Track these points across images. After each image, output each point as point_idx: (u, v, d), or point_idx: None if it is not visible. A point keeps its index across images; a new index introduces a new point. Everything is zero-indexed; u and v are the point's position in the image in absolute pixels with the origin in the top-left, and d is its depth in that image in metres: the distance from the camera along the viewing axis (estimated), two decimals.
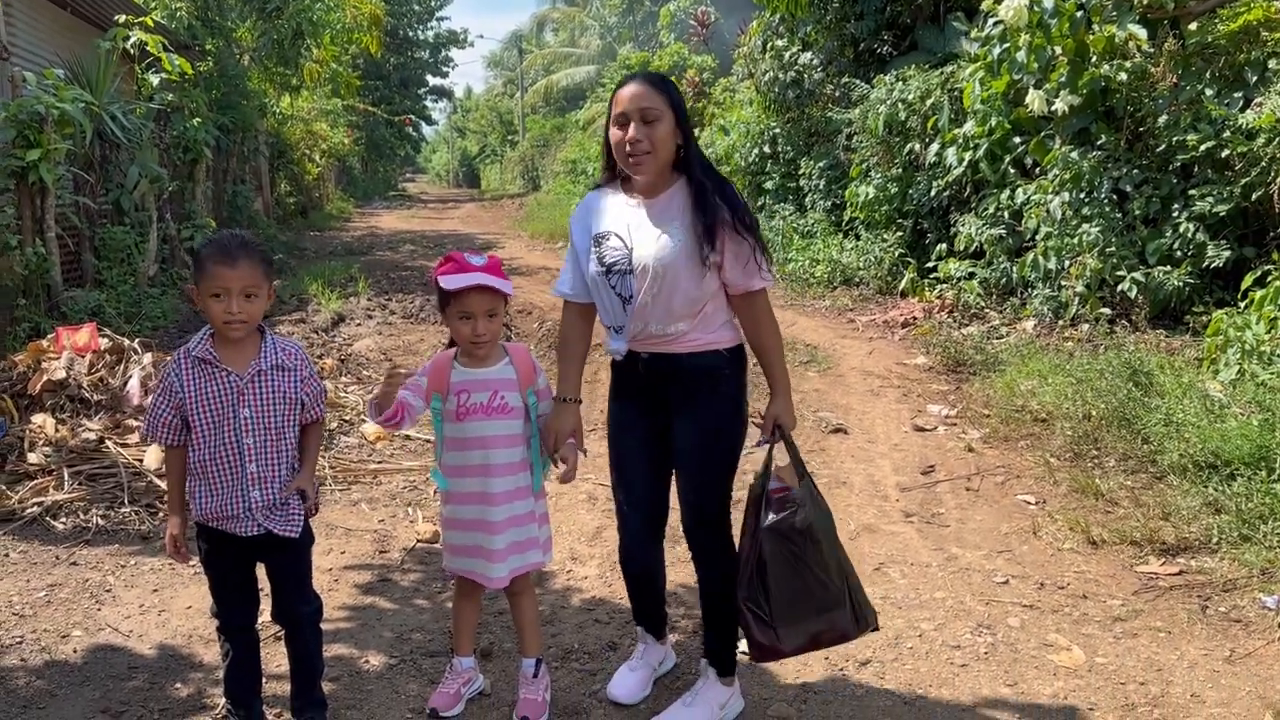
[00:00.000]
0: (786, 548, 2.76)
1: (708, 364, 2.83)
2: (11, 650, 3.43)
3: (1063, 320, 8.18)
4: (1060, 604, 3.83)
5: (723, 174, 2.93)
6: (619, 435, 3.01)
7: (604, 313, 2.91)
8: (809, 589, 2.78)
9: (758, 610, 2.76)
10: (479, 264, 2.77)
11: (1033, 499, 4.94)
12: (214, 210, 15.90)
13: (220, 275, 2.55)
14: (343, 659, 3.40)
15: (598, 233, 2.86)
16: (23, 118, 8.00)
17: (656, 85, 2.74)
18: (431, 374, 2.90)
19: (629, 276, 2.78)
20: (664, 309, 2.77)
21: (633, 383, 2.94)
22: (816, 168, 13.44)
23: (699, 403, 2.85)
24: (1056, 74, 8.54)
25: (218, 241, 2.61)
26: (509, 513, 2.88)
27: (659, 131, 2.71)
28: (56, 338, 5.60)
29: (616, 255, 2.80)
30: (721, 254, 2.73)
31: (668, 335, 2.80)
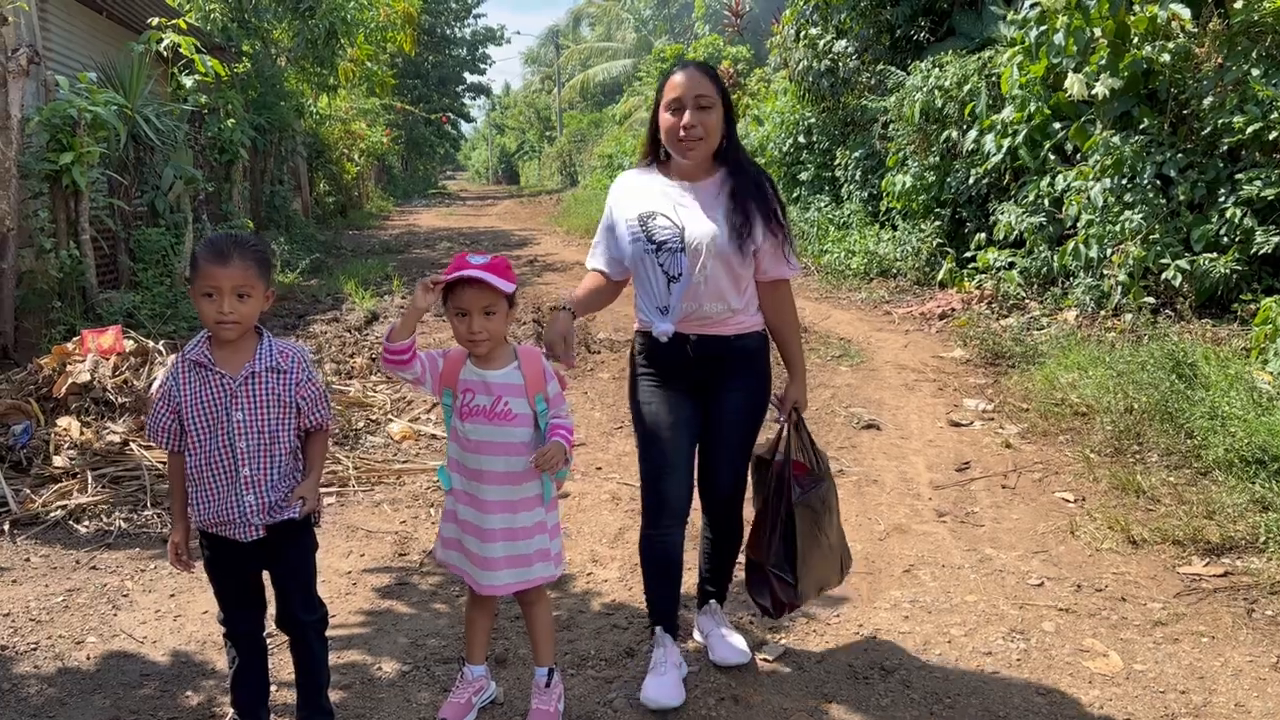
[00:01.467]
0: (810, 519, 3.06)
1: (753, 345, 3.02)
2: (26, 657, 3.41)
3: (1105, 310, 7.95)
4: (1098, 607, 3.67)
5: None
6: (657, 413, 3.02)
7: (646, 294, 3.00)
8: (823, 551, 3.13)
9: (782, 575, 3.05)
10: (478, 262, 2.68)
11: (1071, 497, 4.78)
12: (251, 211, 16.03)
13: (212, 274, 2.48)
14: (355, 665, 3.34)
15: (643, 211, 2.95)
16: (56, 121, 8.06)
17: (709, 74, 2.88)
18: (446, 363, 2.81)
19: (679, 255, 2.89)
20: (715, 289, 2.90)
21: (678, 365, 2.99)
22: (852, 157, 13.24)
23: (743, 381, 3.02)
24: (1096, 57, 8.30)
25: (212, 240, 2.55)
26: (507, 523, 2.77)
27: (711, 119, 2.85)
28: (82, 340, 5.62)
29: (667, 233, 2.90)
30: (758, 242, 2.90)
31: (718, 316, 2.93)
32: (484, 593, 2.86)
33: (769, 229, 2.91)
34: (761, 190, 2.93)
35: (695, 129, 2.84)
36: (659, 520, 3.06)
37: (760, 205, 2.91)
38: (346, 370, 7.55)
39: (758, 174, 2.98)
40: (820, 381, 7.07)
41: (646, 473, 3.07)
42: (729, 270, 2.90)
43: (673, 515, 3.05)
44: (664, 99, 2.89)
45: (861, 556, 4.13)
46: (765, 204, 2.92)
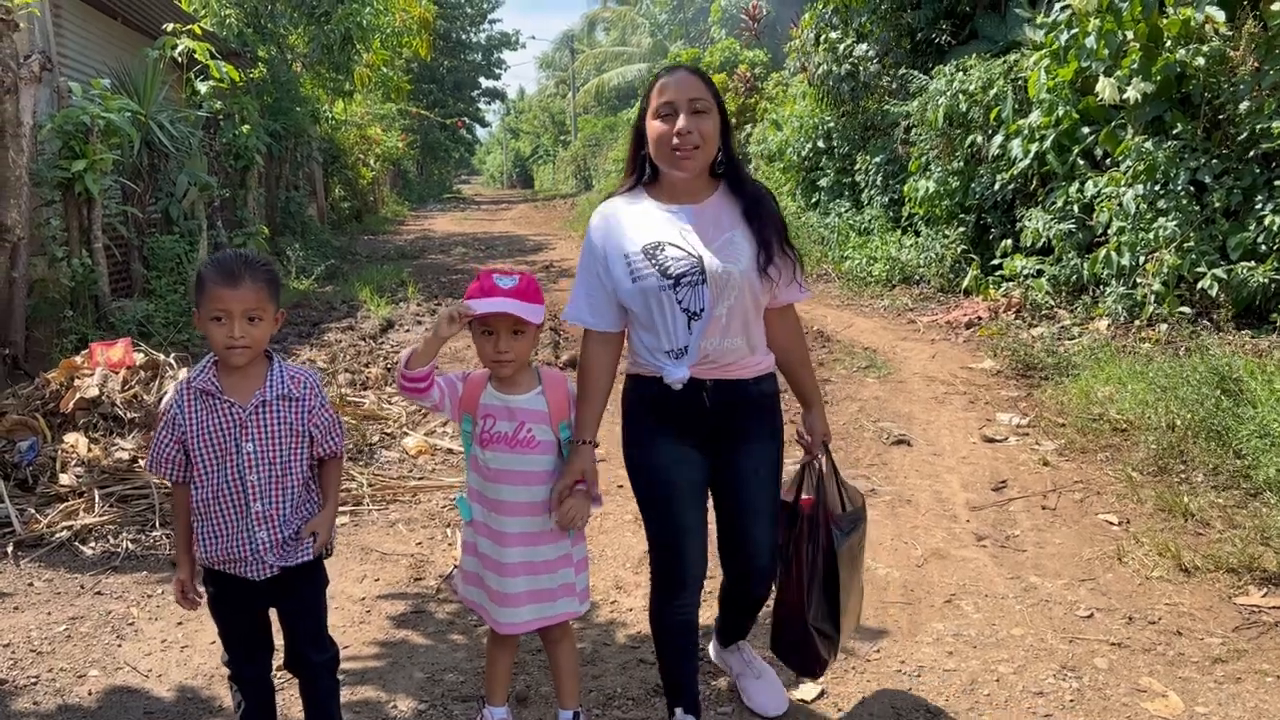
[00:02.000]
0: (851, 562, 2.83)
1: (771, 389, 2.71)
2: (25, 692, 3.26)
3: (1139, 320, 7.73)
4: (1152, 642, 3.47)
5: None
6: (674, 481, 2.64)
7: (660, 336, 2.56)
8: (859, 590, 2.95)
9: (826, 630, 2.80)
10: (507, 287, 2.50)
11: (1115, 519, 4.57)
12: (266, 217, 15.94)
13: (221, 296, 2.32)
14: (370, 703, 3.17)
15: (646, 244, 2.54)
16: (68, 128, 7.94)
17: (703, 77, 2.57)
18: (467, 388, 2.65)
19: (701, 288, 2.50)
20: (740, 323, 2.57)
21: (694, 417, 2.61)
22: (873, 162, 13.04)
23: (764, 431, 2.69)
24: (1128, 60, 8.09)
25: (219, 260, 2.39)
26: (527, 557, 2.60)
27: (708, 124, 2.51)
28: (90, 353, 5.47)
29: (684, 265, 2.50)
30: (778, 265, 2.60)
31: (741, 355, 2.60)
32: (504, 631, 2.69)
33: (784, 251, 2.61)
34: (770, 208, 2.62)
35: (691, 135, 2.47)
36: (678, 594, 2.70)
37: (774, 225, 2.60)
38: (361, 381, 7.39)
39: (763, 190, 2.67)
40: (847, 394, 6.88)
41: (658, 542, 2.70)
42: (754, 301, 2.58)
43: (692, 588, 2.71)
44: (652, 105, 2.54)
45: (900, 585, 3.94)
46: (777, 224, 2.62)
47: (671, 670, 2.80)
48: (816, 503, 2.78)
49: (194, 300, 2.41)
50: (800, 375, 2.83)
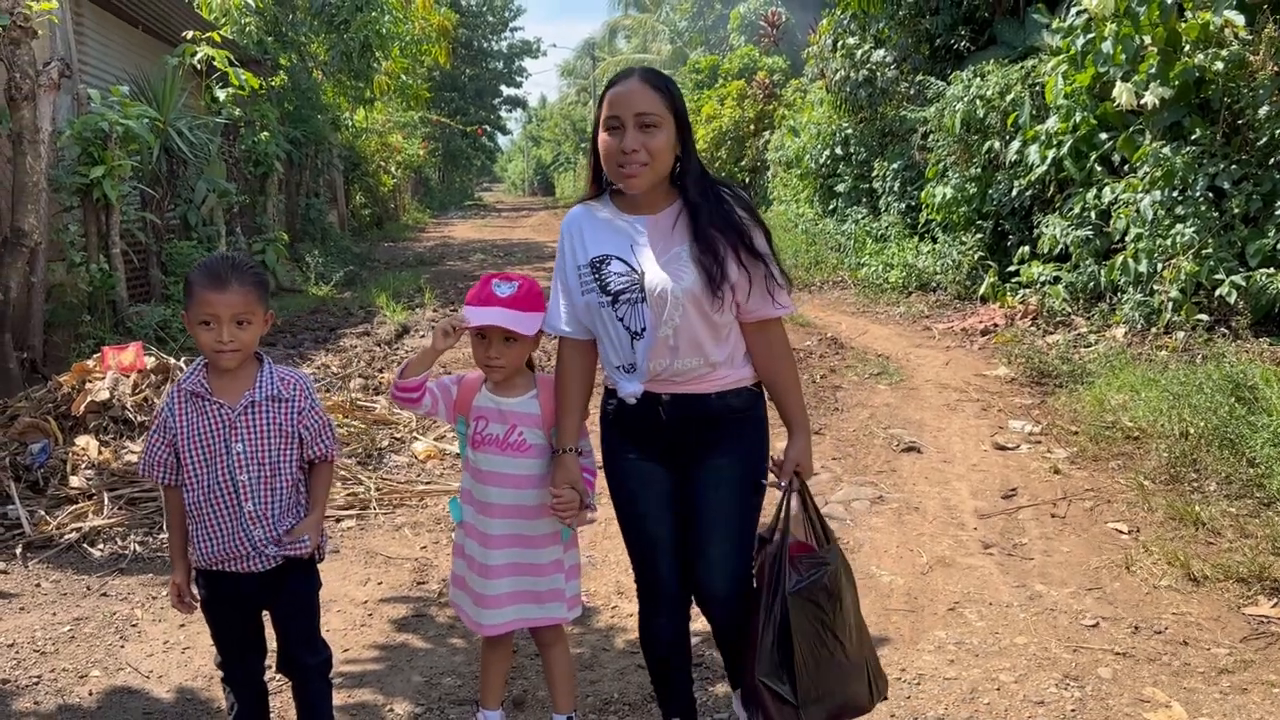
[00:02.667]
0: (814, 615, 2.44)
1: (738, 403, 2.51)
2: (26, 692, 3.28)
3: (1156, 327, 7.65)
4: (1158, 651, 3.42)
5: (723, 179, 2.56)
6: (638, 493, 2.59)
7: (609, 350, 2.50)
8: (834, 659, 2.47)
9: (778, 689, 2.41)
10: (504, 295, 2.50)
11: (1125, 528, 4.52)
12: (286, 223, 16.05)
13: (208, 301, 2.34)
14: (367, 706, 3.17)
15: (595, 256, 2.46)
16: (87, 135, 8.04)
17: (656, 85, 2.36)
18: (461, 390, 2.66)
19: (641, 306, 2.40)
20: (690, 342, 2.40)
21: (651, 430, 2.53)
22: (890, 169, 12.99)
23: (730, 449, 2.51)
24: (1146, 65, 8.01)
25: (206, 265, 2.40)
26: (513, 558, 2.60)
27: (657, 140, 2.33)
28: (102, 357, 5.52)
29: (624, 282, 2.41)
30: (732, 281, 2.38)
31: (700, 371, 2.45)
32: (484, 633, 2.69)
33: (742, 262, 2.38)
34: (729, 217, 2.39)
35: (637, 153, 2.31)
36: (655, 606, 2.65)
37: (728, 235, 2.38)
38: (374, 386, 7.42)
39: (721, 197, 2.43)
40: (858, 400, 6.84)
41: (632, 555, 2.65)
42: (704, 319, 2.39)
43: (668, 603, 2.63)
44: (601, 116, 2.38)
45: (903, 592, 3.90)
46: (735, 232, 2.38)
47: (658, 682, 2.77)
48: (779, 540, 2.50)
49: (184, 304, 2.42)
50: (781, 398, 2.56)
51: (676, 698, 2.75)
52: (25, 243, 7.06)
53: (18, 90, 6.96)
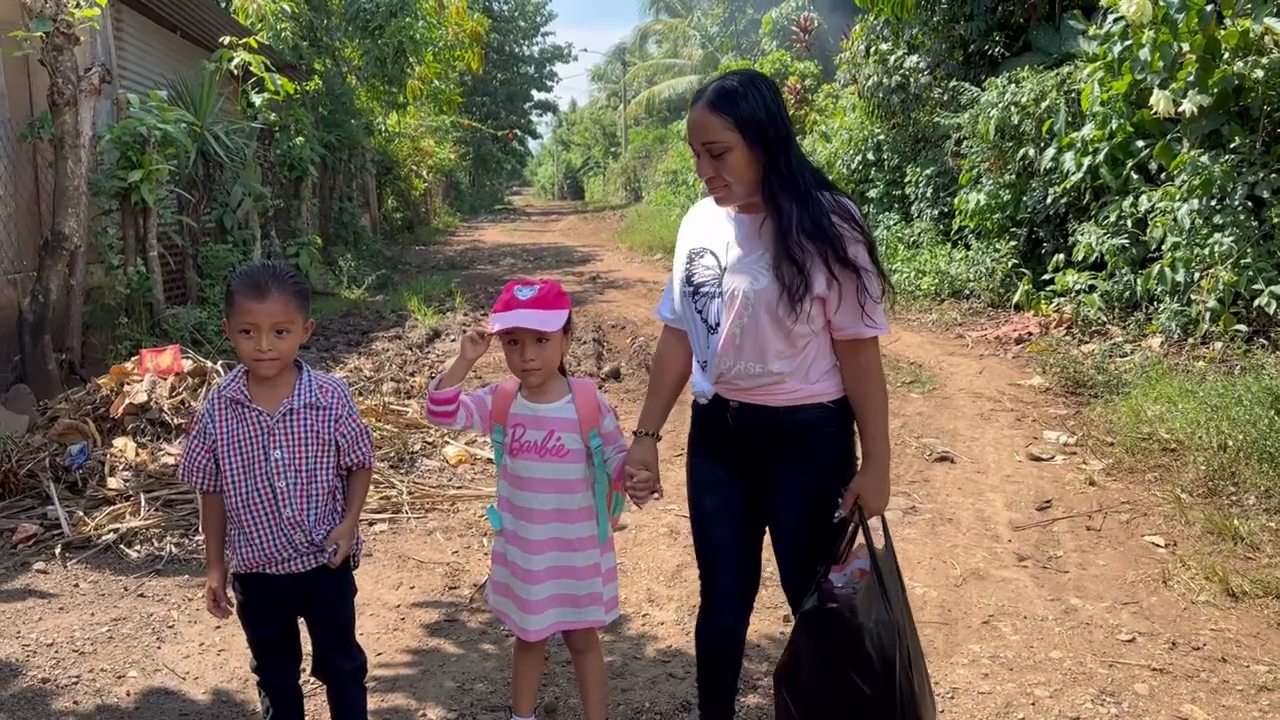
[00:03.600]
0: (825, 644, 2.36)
1: (810, 420, 2.43)
2: (66, 691, 3.32)
3: (1193, 338, 7.55)
4: (1196, 668, 3.38)
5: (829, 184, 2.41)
6: (702, 496, 2.62)
7: (692, 342, 2.55)
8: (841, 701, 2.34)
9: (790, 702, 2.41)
10: (526, 297, 2.51)
11: (1162, 541, 4.46)
12: (320, 227, 16.19)
13: (249, 310, 2.36)
14: (399, 711, 3.19)
15: (693, 248, 2.52)
16: (126, 139, 8.14)
17: (721, 109, 2.29)
18: (496, 399, 2.68)
19: (717, 301, 2.42)
20: (755, 347, 2.38)
21: (718, 435, 2.54)
22: (923, 175, 12.92)
23: (800, 466, 2.45)
24: (1184, 72, 7.93)
25: (248, 273, 2.43)
26: (555, 562, 2.63)
27: (730, 163, 2.31)
28: (140, 360, 5.59)
29: (707, 274, 2.45)
30: (819, 293, 2.32)
31: (762, 381, 2.41)
32: (530, 638, 2.70)
33: (833, 273, 2.30)
34: (819, 224, 2.29)
35: (714, 179, 2.34)
36: (710, 610, 2.67)
37: (818, 243, 2.29)
38: (406, 390, 7.47)
39: (817, 205, 2.32)
40: (890, 409, 6.78)
41: (698, 557, 2.69)
42: (776, 325, 2.34)
43: (725, 606, 2.64)
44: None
45: (937, 605, 3.88)
46: (825, 241, 2.29)
47: (703, 683, 2.77)
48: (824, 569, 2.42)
49: (225, 312, 2.45)
50: (862, 424, 2.45)
51: (715, 702, 2.75)
52: (65, 246, 7.16)
53: (60, 95, 7.07)
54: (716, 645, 2.70)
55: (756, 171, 2.33)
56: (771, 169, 2.33)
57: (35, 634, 3.73)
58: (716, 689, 2.74)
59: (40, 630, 3.76)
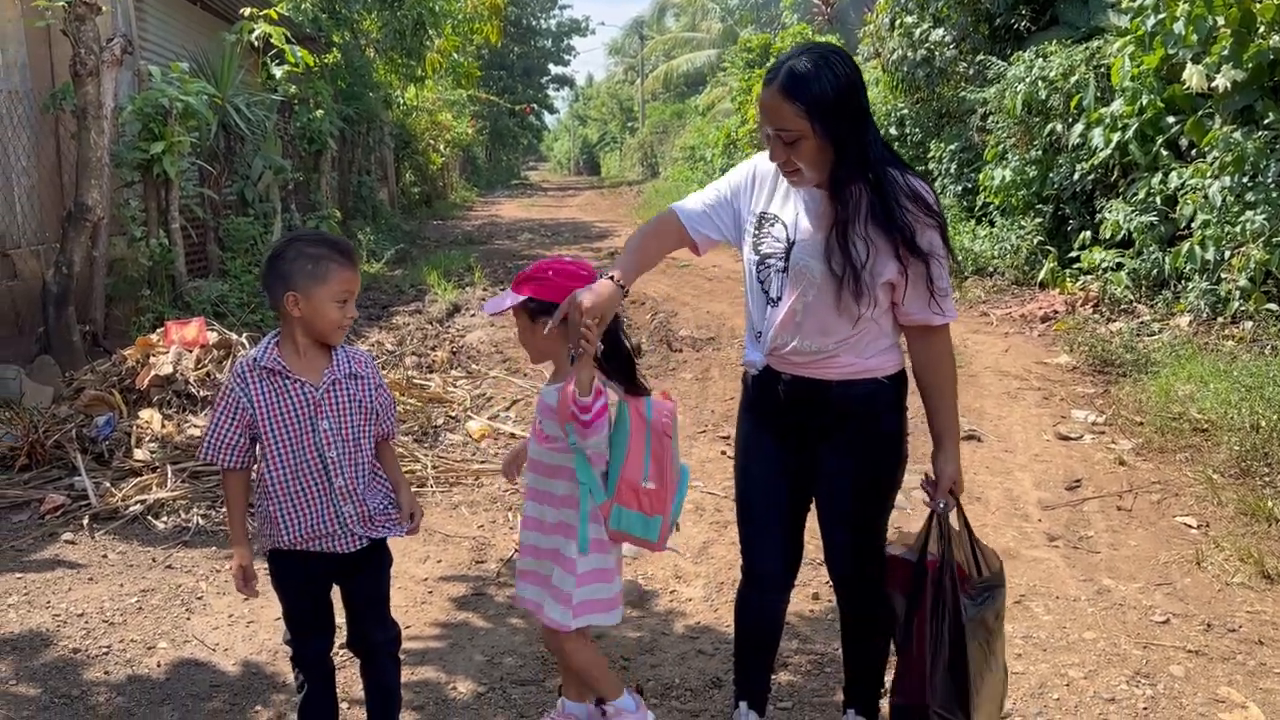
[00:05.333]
0: (985, 638, 2.36)
1: (863, 394, 2.38)
2: (97, 662, 3.33)
3: (1222, 317, 7.46)
4: (1232, 650, 3.34)
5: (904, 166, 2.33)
6: (749, 466, 2.60)
7: (750, 310, 2.49)
8: (997, 678, 2.40)
9: (951, 717, 2.35)
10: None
11: (1194, 522, 4.41)
12: (339, 200, 16.16)
13: (348, 279, 2.40)
14: (429, 684, 3.19)
15: (764, 211, 2.41)
16: (148, 111, 8.11)
17: (792, 93, 2.18)
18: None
19: (781, 276, 2.36)
20: (817, 324, 2.33)
21: (770, 406, 2.50)
22: (947, 150, 12.78)
23: (850, 439, 2.41)
24: (1218, 46, 7.79)
25: (335, 242, 2.44)
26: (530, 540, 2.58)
27: (800, 152, 2.23)
28: (166, 332, 5.59)
29: (775, 247, 2.37)
30: (888, 278, 2.28)
31: (816, 356, 2.37)
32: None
33: (903, 260, 2.25)
34: (890, 210, 2.22)
35: (786, 163, 2.27)
36: (748, 582, 2.66)
37: (890, 234, 2.23)
38: (427, 364, 7.46)
39: (889, 190, 2.23)
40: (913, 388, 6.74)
41: (740, 529, 2.65)
42: (838, 306, 2.29)
43: (765, 582, 2.62)
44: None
45: None
46: (897, 231, 2.23)
47: (738, 660, 2.76)
48: (941, 564, 2.38)
49: (296, 280, 2.35)
50: (930, 406, 2.43)
51: (751, 679, 2.74)
52: (89, 217, 7.15)
53: (82, 66, 7.04)
54: (757, 621, 2.68)
55: (827, 158, 2.25)
56: (841, 158, 2.24)
57: (65, 604, 3.74)
58: (754, 665, 2.73)
59: (70, 600, 3.78)
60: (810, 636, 3.47)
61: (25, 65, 7.58)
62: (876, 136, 2.29)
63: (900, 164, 2.33)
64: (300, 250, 2.39)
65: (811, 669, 3.25)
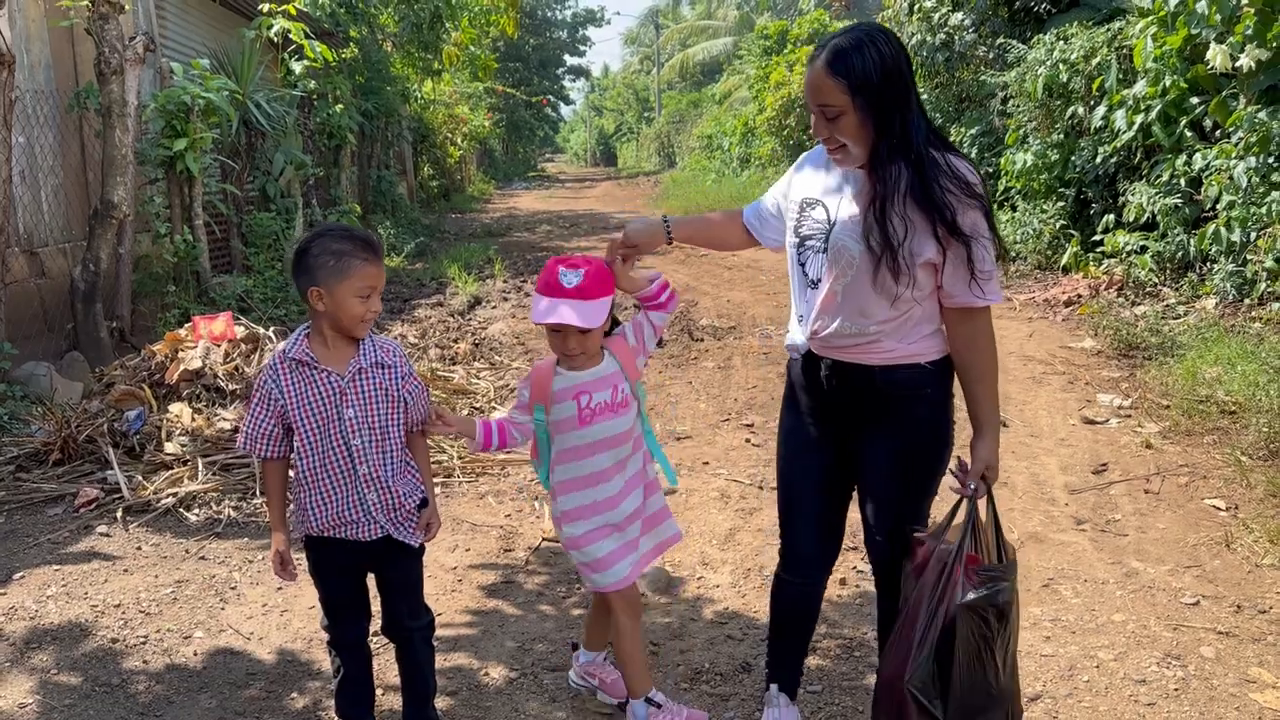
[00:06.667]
0: (979, 632, 2.30)
1: (906, 379, 2.38)
2: (135, 651, 3.39)
3: (1249, 299, 7.40)
4: (1262, 631, 3.33)
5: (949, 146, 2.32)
6: (792, 453, 2.61)
7: (794, 292, 2.52)
8: (985, 682, 2.33)
9: (925, 702, 2.29)
10: (570, 285, 2.47)
11: (1222, 504, 4.39)
12: (359, 195, 16.25)
13: (371, 274, 2.43)
14: (463, 670, 3.23)
15: (807, 197, 2.44)
16: (170, 108, 8.18)
17: (836, 71, 2.21)
18: (535, 386, 2.63)
19: (820, 256, 2.37)
20: (855, 306, 2.33)
21: (813, 392, 2.51)
22: (968, 134, 12.69)
23: (893, 425, 2.41)
24: (1242, 26, 7.70)
25: (359, 236, 2.46)
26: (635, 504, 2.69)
27: (843, 126, 2.24)
28: (194, 327, 5.65)
29: (815, 228, 2.39)
30: (927, 258, 2.27)
31: (858, 340, 2.37)
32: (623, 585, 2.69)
33: (942, 240, 2.24)
34: (929, 191, 2.21)
35: (829, 139, 2.29)
36: (785, 567, 2.67)
37: (928, 213, 2.22)
38: (450, 356, 7.50)
39: (930, 170, 2.23)
40: None
41: (780, 513, 2.67)
42: (878, 287, 2.29)
43: (804, 566, 2.64)
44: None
45: None
46: (935, 211, 2.22)
47: (773, 642, 2.78)
48: (957, 549, 2.34)
49: (320, 275, 2.40)
50: (969, 391, 2.40)
51: (783, 664, 2.76)
52: (115, 214, 7.23)
53: (107, 65, 7.11)
54: (793, 605, 2.70)
55: (869, 135, 2.25)
56: (884, 133, 2.24)
57: (102, 595, 3.81)
58: (788, 649, 2.75)
59: (107, 591, 3.84)
60: (839, 621, 3.48)
61: (49, 65, 7.66)
62: (922, 117, 2.28)
63: (947, 146, 2.32)
64: (325, 246, 2.42)
65: (841, 653, 3.27)
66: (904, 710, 2.33)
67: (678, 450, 5.44)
